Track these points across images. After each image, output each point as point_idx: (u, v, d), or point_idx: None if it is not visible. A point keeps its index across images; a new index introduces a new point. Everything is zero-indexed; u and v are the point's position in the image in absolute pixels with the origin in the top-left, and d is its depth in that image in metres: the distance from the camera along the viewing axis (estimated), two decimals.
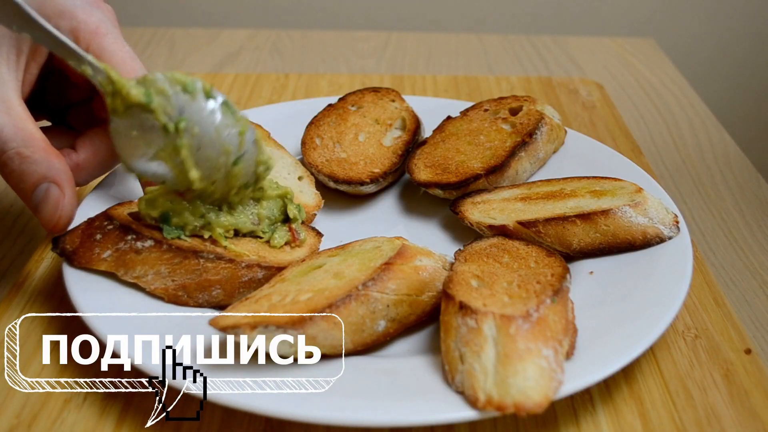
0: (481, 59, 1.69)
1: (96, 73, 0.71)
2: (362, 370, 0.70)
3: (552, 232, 0.85)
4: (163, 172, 0.76)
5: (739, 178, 1.21)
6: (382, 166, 1.02)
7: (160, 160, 0.75)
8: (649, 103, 1.48)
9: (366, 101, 1.14)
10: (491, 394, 0.63)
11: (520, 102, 1.08)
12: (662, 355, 0.79)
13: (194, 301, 0.78)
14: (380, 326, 0.73)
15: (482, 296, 0.71)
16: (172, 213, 0.79)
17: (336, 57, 1.67)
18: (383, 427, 0.66)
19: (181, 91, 0.72)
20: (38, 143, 0.76)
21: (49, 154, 0.76)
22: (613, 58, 1.70)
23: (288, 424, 0.70)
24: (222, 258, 0.78)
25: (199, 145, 0.74)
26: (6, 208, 1.09)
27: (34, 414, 0.71)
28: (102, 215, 0.82)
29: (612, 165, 1.01)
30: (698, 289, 0.89)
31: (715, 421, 0.71)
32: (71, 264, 0.79)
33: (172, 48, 1.68)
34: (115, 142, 0.73)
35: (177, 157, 0.74)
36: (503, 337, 0.65)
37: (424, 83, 1.49)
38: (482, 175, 0.96)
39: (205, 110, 0.73)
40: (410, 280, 0.75)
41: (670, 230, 0.84)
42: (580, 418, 0.71)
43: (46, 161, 0.75)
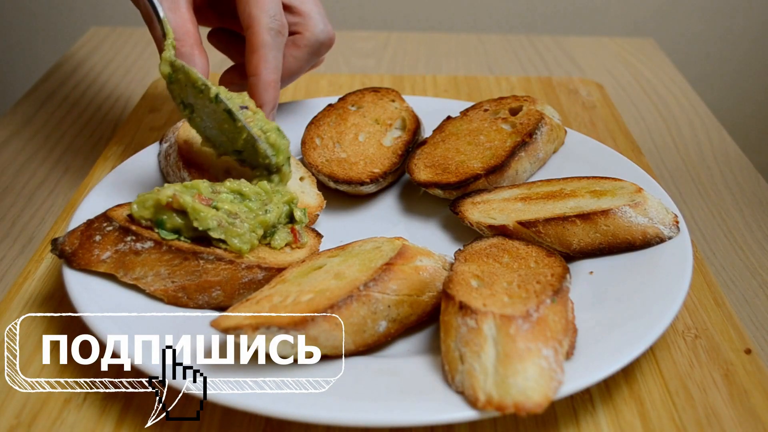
0: (481, 59, 1.69)
1: (170, 51, 0.89)
2: (362, 370, 0.70)
3: (552, 232, 0.85)
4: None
5: (739, 178, 1.21)
6: (382, 166, 1.02)
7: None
8: (649, 103, 1.48)
9: (366, 101, 1.14)
10: (491, 394, 0.63)
11: (520, 102, 1.08)
12: (662, 355, 0.79)
13: (194, 303, 0.78)
14: (381, 327, 0.73)
15: (482, 296, 0.71)
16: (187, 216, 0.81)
17: (336, 57, 1.67)
18: (383, 427, 0.66)
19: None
20: (189, 39, 0.93)
21: (194, 48, 0.93)
22: (613, 58, 1.70)
23: (288, 424, 0.70)
24: (222, 259, 0.78)
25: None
26: (6, 208, 1.09)
27: (34, 414, 0.71)
28: (101, 216, 0.82)
29: (612, 165, 1.01)
30: (698, 289, 0.89)
31: (715, 421, 0.71)
32: (70, 266, 0.79)
33: None
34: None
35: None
36: (503, 337, 0.65)
37: (424, 83, 1.49)
38: (482, 175, 0.96)
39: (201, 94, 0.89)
40: (411, 281, 0.75)
41: (670, 230, 0.84)
42: (580, 418, 0.71)
43: (190, 54, 0.93)
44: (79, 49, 1.67)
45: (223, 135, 0.91)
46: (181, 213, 0.80)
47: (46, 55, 2.25)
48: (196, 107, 0.90)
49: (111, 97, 1.43)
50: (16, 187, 1.14)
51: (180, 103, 0.91)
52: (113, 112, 1.38)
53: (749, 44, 2.36)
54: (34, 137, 1.29)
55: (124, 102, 1.41)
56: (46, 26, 2.37)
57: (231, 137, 0.90)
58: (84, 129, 1.32)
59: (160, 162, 1.03)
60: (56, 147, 1.26)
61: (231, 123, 0.88)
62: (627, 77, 1.60)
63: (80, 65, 1.59)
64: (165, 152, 1.02)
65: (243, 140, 0.89)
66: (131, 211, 0.81)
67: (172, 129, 1.05)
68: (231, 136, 0.90)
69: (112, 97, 1.43)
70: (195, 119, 0.92)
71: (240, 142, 0.89)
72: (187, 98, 0.90)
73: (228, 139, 0.91)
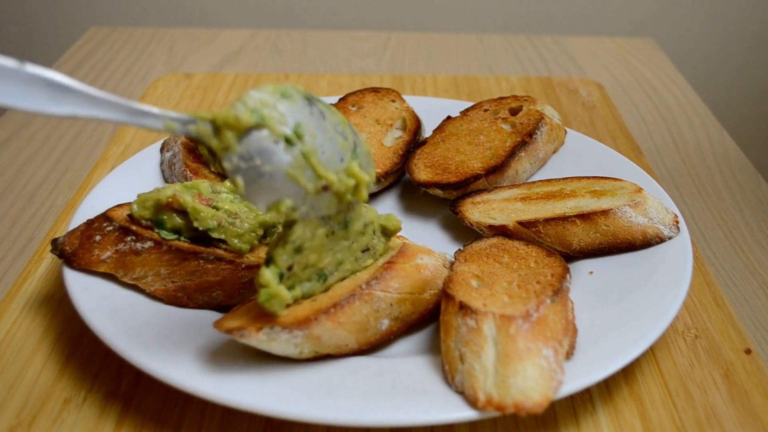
0: (481, 59, 1.69)
1: (185, 125, 0.63)
2: (362, 370, 0.70)
3: (552, 232, 0.85)
4: (295, 193, 0.67)
5: (739, 178, 1.21)
6: (383, 166, 1.02)
7: (291, 182, 0.66)
8: (649, 103, 1.48)
9: (366, 101, 1.14)
10: (491, 394, 0.63)
11: (520, 102, 1.08)
12: (662, 355, 0.79)
13: (194, 303, 0.78)
14: (384, 325, 0.73)
15: (482, 296, 0.71)
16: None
17: (336, 57, 1.67)
18: (383, 427, 0.67)
19: (282, 98, 0.66)
20: None
21: None
22: (613, 58, 1.70)
23: (288, 424, 0.70)
24: (222, 259, 0.78)
25: (321, 147, 0.67)
26: (6, 208, 1.09)
27: (34, 414, 0.71)
28: (101, 217, 0.82)
29: (612, 165, 1.01)
30: (698, 289, 0.89)
31: (715, 421, 0.71)
32: (70, 266, 0.79)
33: (172, 48, 1.68)
34: (239, 183, 0.64)
35: (307, 168, 0.66)
36: (503, 337, 0.65)
37: (424, 83, 1.49)
38: (482, 175, 0.96)
39: (310, 110, 0.68)
40: (412, 279, 0.75)
41: (670, 230, 0.84)
42: (580, 418, 0.71)
43: None
44: (79, 49, 1.67)
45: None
46: (181, 213, 0.80)
47: (46, 55, 2.26)
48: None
49: None
50: (16, 187, 1.14)
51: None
52: None
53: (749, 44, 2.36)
54: (34, 137, 1.29)
55: None
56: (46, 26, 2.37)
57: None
58: (84, 129, 1.32)
59: (164, 171, 1.02)
60: (56, 147, 1.26)
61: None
62: (627, 77, 1.60)
63: (80, 65, 1.59)
64: (168, 161, 1.01)
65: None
66: (131, 211, 0.81)
67: (173, 137, 1.03)
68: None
69: None
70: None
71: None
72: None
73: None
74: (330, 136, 0.68)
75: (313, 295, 0.72)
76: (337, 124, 0.70)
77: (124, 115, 0.62)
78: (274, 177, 0.65)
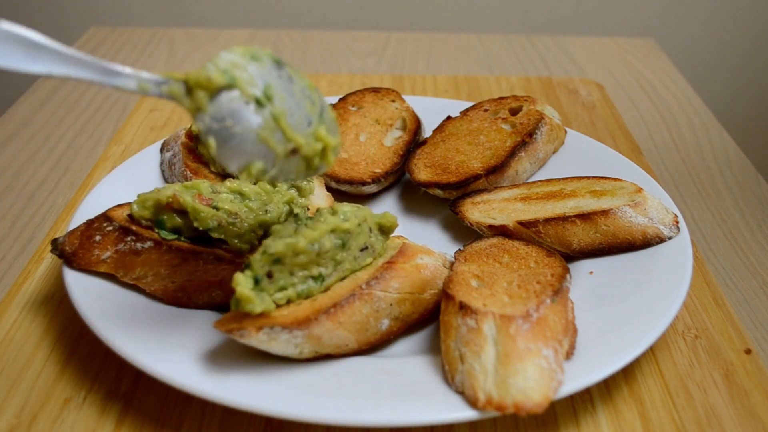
0: (481, 59, 1.69)
1: (158, 86, 0.64)
2: (362, 370, 0.70)
3: (552, 232, 0.85)
4: (264, 155, 0.67)
5: (739, 178, 1.21)
6: (384, 166, 1.02)
7: (262, 143, 0.67)
8: (649, 103, 1.48)
9: (366, 101, 1.14)
10: (491, 394, 0.63)
11: (520, 102, 1.08)
12: (662, 355, 0.79)
13: (194, 303, 0.78)
14: (384, 325, 0.73)
15: (482, 296, 0.71)
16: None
17: (336, 57, 1.67)
18: (383, 427, 0.67)
19: (252, 60, 0.67)
20: None
21: None
22: (613, 58, 1.70)
23: (288, 424, 0.70)
24: (222, 259, 0.78)
25: (290, 110, 0.68)
26: (6, 208, 1.09)
27: (34, 414, 0.71)
28: (101, 217, 0.82)
29: (612, 165, 1.01)
30: (698, 289, 0.89)
31: (715, 421, 0.71)
32: (70, 266, 0.79)
33: (172, 48, 1.68)
34: (211, 144, 0.65)
35: (276, 130, 0.67)
36: (503, 337, 0.65)
37: (424, 83, 1.49)
38: (482, 175, 0.96)
39: (278, 73, 0.68)
40: (412, 279, 0.75)
41: (670, 230, 0.84)
42: (580, 418, 0.71)
43: None
44: (79, 49, 1.67)
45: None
46: (181, 213, 0.80)
47: None
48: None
49: (111, 97, 1.43)
50: (16, 187, 1.14)
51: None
52: (113, 112, 1.38)
53: (749, 45, 2.36)
54: (34, 137, 1.29)
55: (124, 102, 1.41)
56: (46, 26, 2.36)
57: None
58: (84, 129, 1.32)
59: (164, 171, 1.02)
60: (56, 147, 1.26)
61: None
62: (627, 77, 1.60)
63: None
64: (168, 161, 1.01)
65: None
66: (131, 211, 0.81)
67: (173, 137, 1.04)
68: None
69: (112, 98, 1.43)
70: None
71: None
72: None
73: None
74: (298, 99, 0.69)
75: (313, 295, 0.72)
76: (305, 89, 0.70)
77: (98, 75, 0.62)
78: (244, 139, 0.65)
